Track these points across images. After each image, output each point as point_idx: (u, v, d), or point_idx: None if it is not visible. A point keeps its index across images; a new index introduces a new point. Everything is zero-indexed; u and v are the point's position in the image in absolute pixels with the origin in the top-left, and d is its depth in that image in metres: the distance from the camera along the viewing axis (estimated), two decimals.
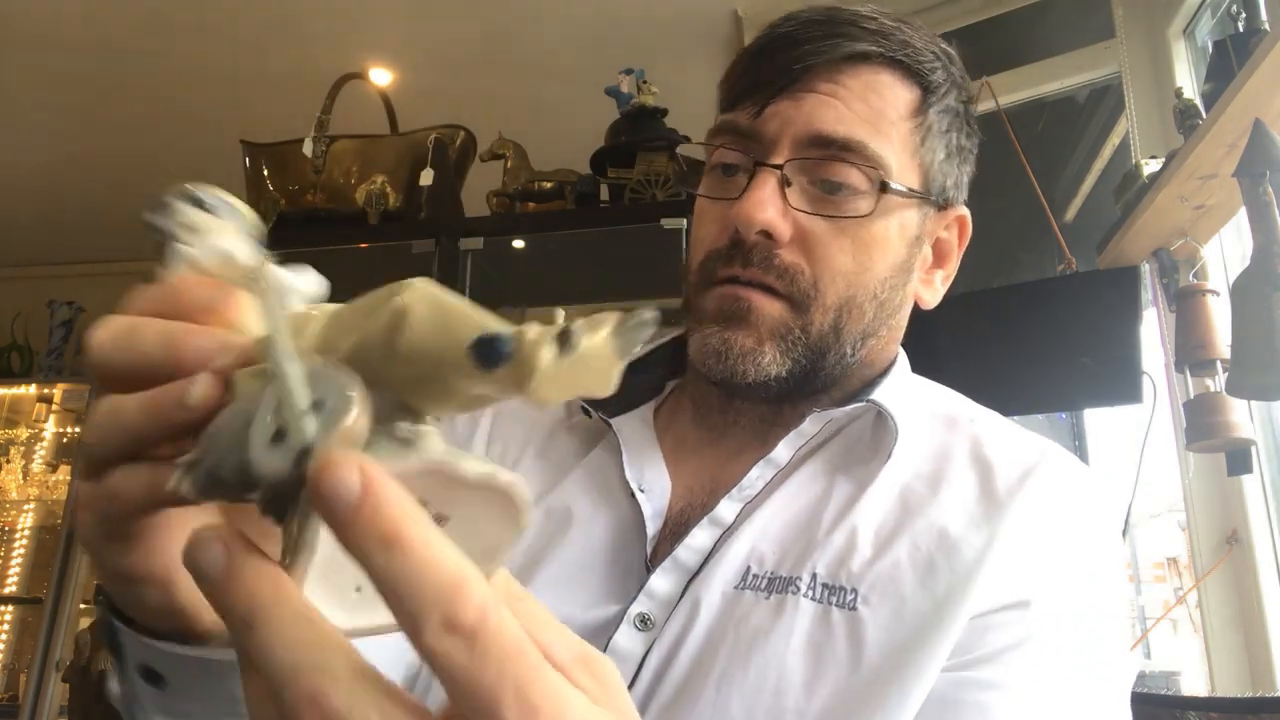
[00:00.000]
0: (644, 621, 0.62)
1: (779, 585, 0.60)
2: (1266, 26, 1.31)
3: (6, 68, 2.69)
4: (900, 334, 0.73)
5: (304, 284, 0.35)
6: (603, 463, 0.71)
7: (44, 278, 3.95)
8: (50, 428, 3.66)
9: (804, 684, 0.55)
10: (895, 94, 0.66)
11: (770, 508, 0.65)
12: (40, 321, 3.70)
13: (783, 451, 0.66)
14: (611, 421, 0.71)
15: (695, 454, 0.71)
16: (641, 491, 0.68)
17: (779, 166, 0.64)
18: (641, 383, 0.75)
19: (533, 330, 0.26)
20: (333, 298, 0.35)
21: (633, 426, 0.72)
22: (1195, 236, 1.53)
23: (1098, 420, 2.10)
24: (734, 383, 0.66)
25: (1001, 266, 2.31)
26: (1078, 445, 2.10)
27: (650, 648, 0.60)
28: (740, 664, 0.57)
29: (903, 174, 0.66)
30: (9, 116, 2.78)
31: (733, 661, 0.57)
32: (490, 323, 0.27)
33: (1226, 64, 1.33)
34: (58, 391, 3.65)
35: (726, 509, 0.65)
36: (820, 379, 0.68)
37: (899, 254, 0.68)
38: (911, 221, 0.68)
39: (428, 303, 0.28)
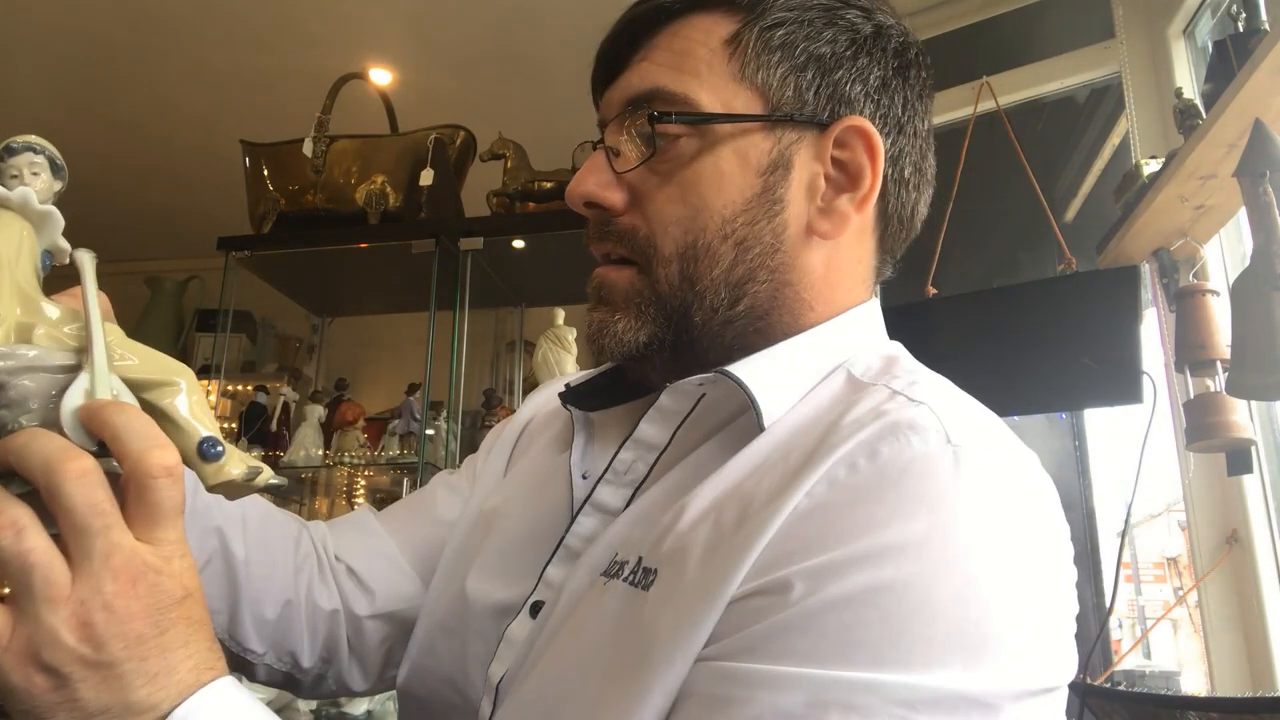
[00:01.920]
0: (535, 610, 0.63)
1: (614, 570, 0.58)
2: (1266, 26, 1.31)
3: (4, 66, 2.69)
4: (811, 278, 0.65)
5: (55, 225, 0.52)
6: (566, 452, 0.73)
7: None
8: None
9: (599, 668, 0.54)
10: (703, 30, 0.64)
11: (653, 492, 0.62)
12: None
13: (647, 430, 0.64)
14: (589, 415, 0.73)
15: None
16: (584, 479, 0.69)
17: (601, 141, 0.66)
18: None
19: (234, 459, 0.49)
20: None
21: (613, 419, 0.73)
22: (1195, 236, 1.53)
23: (1098, 420, 2.10)
24: (612, 359, 0.65)
25: (1001, 266, 2.31)
26: (1078, 445, 2.10)
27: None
28: (561, 651, 0.57)
29: (730, 104, 0.62)
30: (6, 115, 2.78)
31: (559, 649, 0.57)
32: (216, 430, 0.49)
33: (1226, 64, 1.33)
34: None
35: (608, 494, 0.65)
36: (701, 340, 0.63)
37: (747, 185, 0.62)
38: (758, 149, 0.63)
39: (191, 394, 0.50)
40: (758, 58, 0.63)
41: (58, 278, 0.52)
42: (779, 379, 0.61)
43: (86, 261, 0.51)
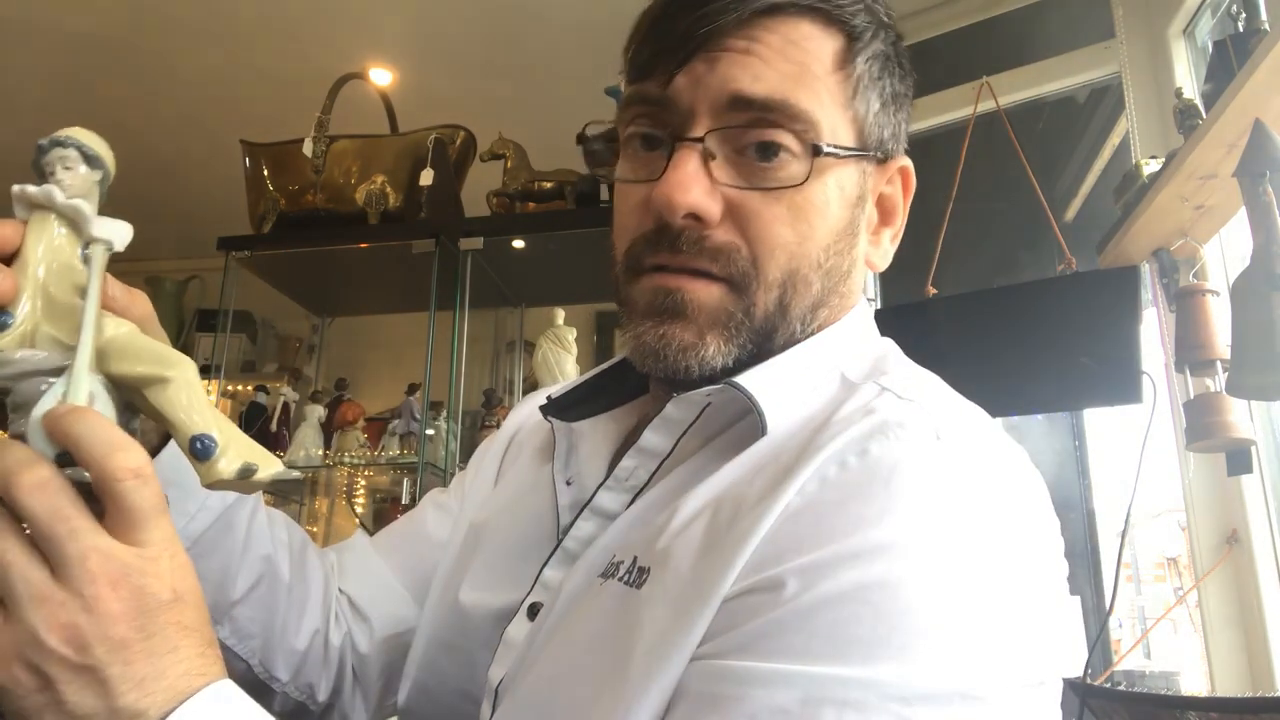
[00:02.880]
0: (533, 611, 0.63)
1: (611, 571, 0.58)
2: (1266, 26, 1.31)
3: (4, 67, 2.69)
4: (852, 300, 0.67)
5: (119, 234, 0.50)
6: (549, 463, 0.73)
7: None
8: None
9: (594, 666, 0.53)
10: (818, 45, 0.60)
11: (650, 497, 0.62)
12: None
13: (652, 439, 0.64)
14: (571, 425, 0.73)
15: None
16: (568, 485, 0.69)
17: (699, 140, 0.59)
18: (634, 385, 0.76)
19: (228, 455, 0.46)
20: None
21: (596, 426, 0.74)
22: (1195, 236, 1.53)
23: (1098, 420, 2.10)
24: (677, 379, 0.62)
25: (1001, 266, 2.31)
26: (1078, 445, 2.10)
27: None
28: (558, 651, 0.57)
29: (836, 131, 0.61)
30: (6, 116, 2.78)
31: (556, 649, 0.57)
32: (212, 426, 0.47)
33: (1226, 64, 1.33)
34: None
35: (608, 499, 0.65)
36: (768, 359, 0.63)
37: (841, 218, 0.62)
38: (851, 181, 0.63)
39: (185, 389, 0.48)
40: (863, 89, 0.62)
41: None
42: (782, 385, 0.61)
43: (96, 255, 0.49)
